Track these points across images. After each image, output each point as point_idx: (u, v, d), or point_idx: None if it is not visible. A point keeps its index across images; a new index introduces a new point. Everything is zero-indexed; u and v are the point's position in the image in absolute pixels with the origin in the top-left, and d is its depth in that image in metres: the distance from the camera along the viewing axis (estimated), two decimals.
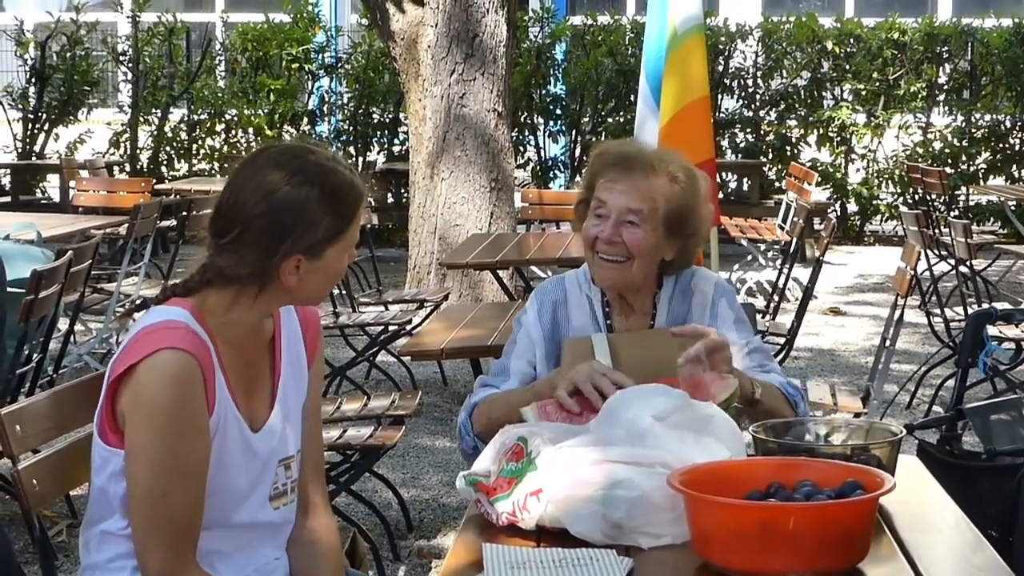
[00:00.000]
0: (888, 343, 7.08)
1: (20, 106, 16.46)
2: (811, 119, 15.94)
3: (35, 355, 6.12)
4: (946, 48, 15.96)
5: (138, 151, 16.30)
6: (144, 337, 2.96)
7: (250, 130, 16.01)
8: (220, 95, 16.40)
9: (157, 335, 2.95)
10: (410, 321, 8.67)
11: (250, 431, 3.07)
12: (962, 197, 15.75)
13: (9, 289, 5.83)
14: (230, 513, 3.08)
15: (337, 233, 3.03)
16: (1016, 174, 15.88)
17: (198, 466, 2.96)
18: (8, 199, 15.14)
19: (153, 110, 16.42)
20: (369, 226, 10.27)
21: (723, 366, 3.50)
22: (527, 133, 16.07)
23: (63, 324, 7.22)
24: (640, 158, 3.79)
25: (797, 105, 16.09)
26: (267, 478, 3.13)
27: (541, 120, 16.15)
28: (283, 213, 2.98)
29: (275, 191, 2.99)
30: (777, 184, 15.77)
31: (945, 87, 16.06)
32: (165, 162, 16.43)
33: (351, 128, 16.17)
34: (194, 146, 16.45)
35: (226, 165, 15.51)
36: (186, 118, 16.51)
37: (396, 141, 16.14)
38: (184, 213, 10.03)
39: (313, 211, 3.00)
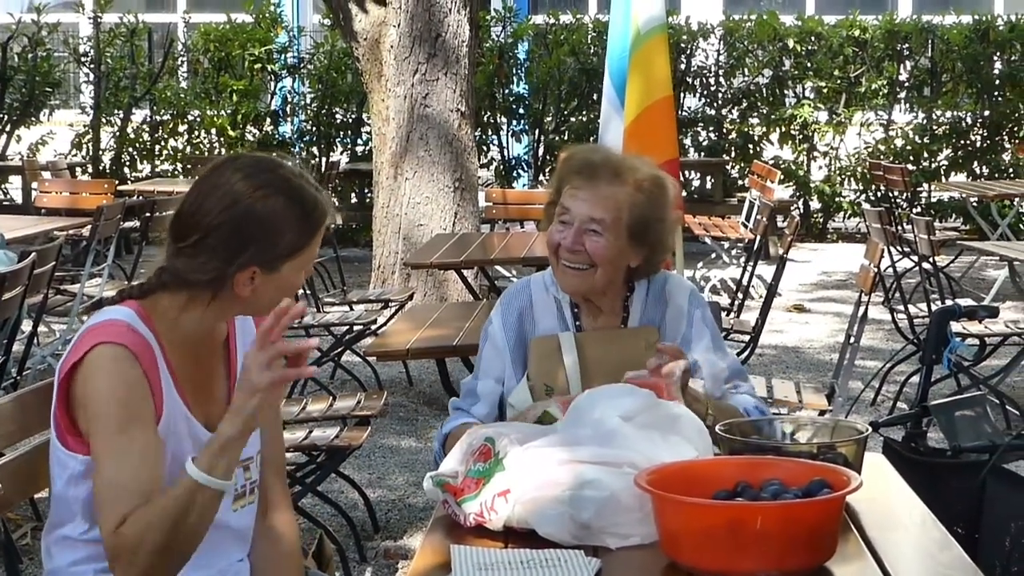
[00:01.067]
0: (852, 340, 7.10)
1: None
2: (773, 117, 15.97)
3: None
4: (907, 45, 16.02)
5: (101, 152, 16.24)
6: (85, 336, 2.98)
7: (213, 131, 15.96)
8: (183, 96, 16.34)
9: (96, 332, 2.97)
10: (375, 321, 8.66)
11: (205, 432, 3.06)
12: (924, 194, 15.80)
13: None
14: None
15: (297, 249, 3.03)
16: (977, 170, 15.96)
17: (146, 453, 2.93)
18: None
19: (115, 111, 16.36)
20: (333, 226, 10.25)
21: (682, 388, 3.52)
22: (490, 133, 16.06)
23: (27, 326, 7.19)
24: (605, 166, 3.78)
25: (759, 103, 16.12)
26: None
27: (504, 119, 16.14)
28: (246, 224, 2.98)
29: (240, 201, 2.99)
30: (740, 182, 15.80)
31: (906, 84, 16.12)
32: (128, 163, 16.37)
33: (314, 128, 16.15)
34: (157, 147, 16.39)
35: (189, 166, 15.48)
36: (149, 119, 16.46)
37: (359, 141, 16.11)
38: (147, 214, 10.00)
39: (276, 225, 3.00)
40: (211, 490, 2.89)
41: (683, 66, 15.91)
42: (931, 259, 8.69)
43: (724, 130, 16.20)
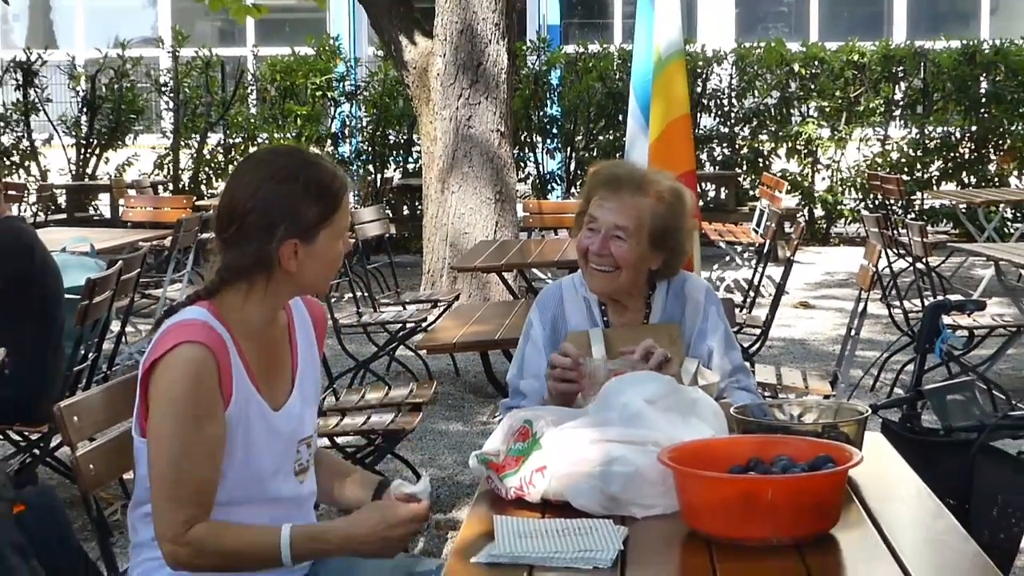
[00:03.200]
0: (853, 332, 7.07)
1: (74, 133, 16.47)
2: (781, 134, 15.92)
3: (90, 354, 6.12)
4: (901, 68, 15.94)
5: (180, 172, 16.31)
6: (166, 335, 2.98)
7: None
8: (252, 121, 16.40)
9: (176, 332, 2.97)
10: (425, 319, 8.67)
11: (271, 411, 3.08)
12: (917, 201, 15.72)
13: (67, 296, 5.84)
14: (262, 487, 3.08)
15: (326, 217, 3.04)
16: (966, 180, 15.86)
17: (212, 448, 2.96)
18: (64, 216, 15.14)
19: (193, 135, 16.43)
20: (387, 235, 10.27)
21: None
22: (527, 150, 16.05)
23: (115, 326, 7.22)
24: (630, 179, 3.78)
25: (768, 121, 16.06)
26: (290, 455, 3.13)
27: (539, 138, 16.13)
28: (273, 201, 3.00)
29: (264, 183, 3.01)
30: (751, 192, 15.74)
31: (901, 103, 16.04)
32: (204, 181, 16.43)
33: (370, 148, 16.17)
34: (230, 167, 16.44)
35: None
36: (222, 142, 16.51)
37: (410, 159, 16.13)
38: None
39: (300, 198, 3.01)
40: (282, 564, 2.96)
41: (699, 89, 15.87)
42: (924, 260, 8.64)
43: (736, 146, 16.15)
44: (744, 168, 16.07)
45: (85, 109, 16.46)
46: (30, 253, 5.74)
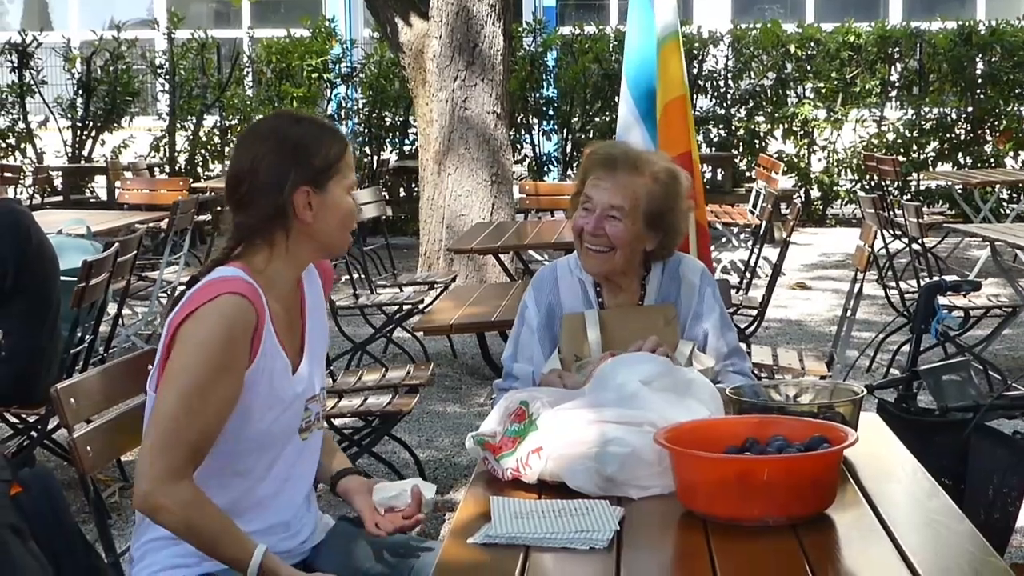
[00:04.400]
0: (849, 313, 7.08)
1: (69, 115, 16.43)
2: (777, 115, 15.90)
3: (87, 336, 6.12)
4: (897, 49, 15.92)
5: (176, 154, 16.27)
6: (205, 288, 2.98)
7: None
8: (248, 103, 16.36)
9: (217, 285, 2.97)
10: (422, 301, 8.67)
11: (288, 364, 3.09)
12: (913, 182, 15.72)
13: (63, 278, 5.84)
14: (272, 447, 3.09)
15: (333, 162, 3.07)
16: (961, 161, 15.86)
17: (222, 402, 2.96)
18: (60, 198, 15.11)
19: (189, 117, 16.39)
20: (384, 217, 10.26)
21: None
22: (523, 132, 16.03)
23: (112, 308, 7.22)
24: (625, 159, 3.79)
25: (764, 103, 16.05)
26: (299, 414, 3.14)
27: (536, 120, 16.11)
28: (279, 154, 3.03)
29: (266, 142, 3.06)
30: (747, 174, 15.73)
31: (897, 84, 16.02)
32: (200, 163, 16.41)
33: (366, 130, 16.15)
34: (226, 149, 16.41)
35: None
36: (218, 124, 16.48)
37: (407, 141, 16.11)
38: (218, 208, 10.03)
39: (307, 143, 3.05)
40: (243, 568, 2.96)
41: (695, 70, 15.85)
42: (920, 240, 8.65)
43: (733, 127, 16.13)
44: (740, 149, 16.06)
45: (81, 91, 16.42)
46: (27, 235, 5.73)
